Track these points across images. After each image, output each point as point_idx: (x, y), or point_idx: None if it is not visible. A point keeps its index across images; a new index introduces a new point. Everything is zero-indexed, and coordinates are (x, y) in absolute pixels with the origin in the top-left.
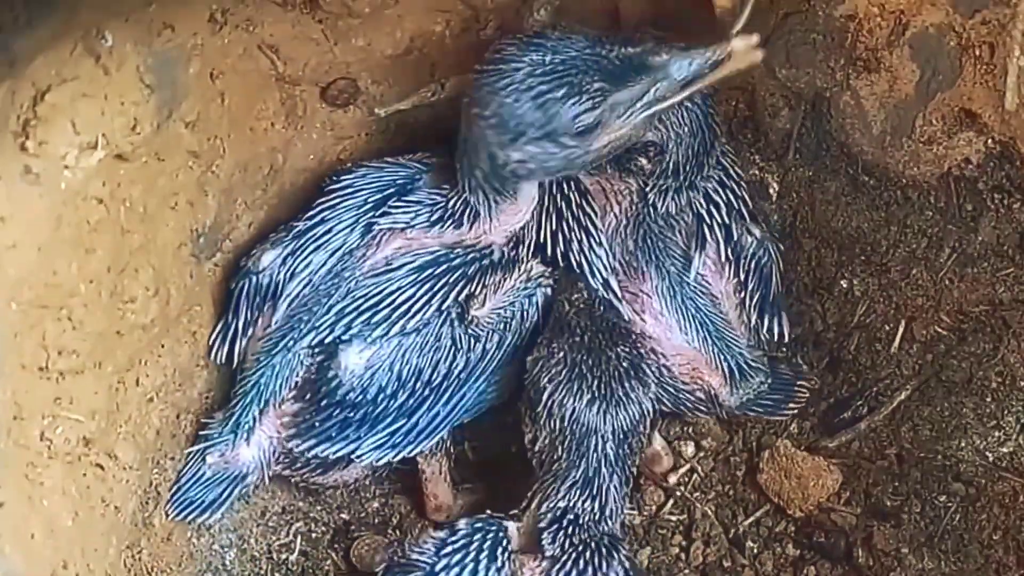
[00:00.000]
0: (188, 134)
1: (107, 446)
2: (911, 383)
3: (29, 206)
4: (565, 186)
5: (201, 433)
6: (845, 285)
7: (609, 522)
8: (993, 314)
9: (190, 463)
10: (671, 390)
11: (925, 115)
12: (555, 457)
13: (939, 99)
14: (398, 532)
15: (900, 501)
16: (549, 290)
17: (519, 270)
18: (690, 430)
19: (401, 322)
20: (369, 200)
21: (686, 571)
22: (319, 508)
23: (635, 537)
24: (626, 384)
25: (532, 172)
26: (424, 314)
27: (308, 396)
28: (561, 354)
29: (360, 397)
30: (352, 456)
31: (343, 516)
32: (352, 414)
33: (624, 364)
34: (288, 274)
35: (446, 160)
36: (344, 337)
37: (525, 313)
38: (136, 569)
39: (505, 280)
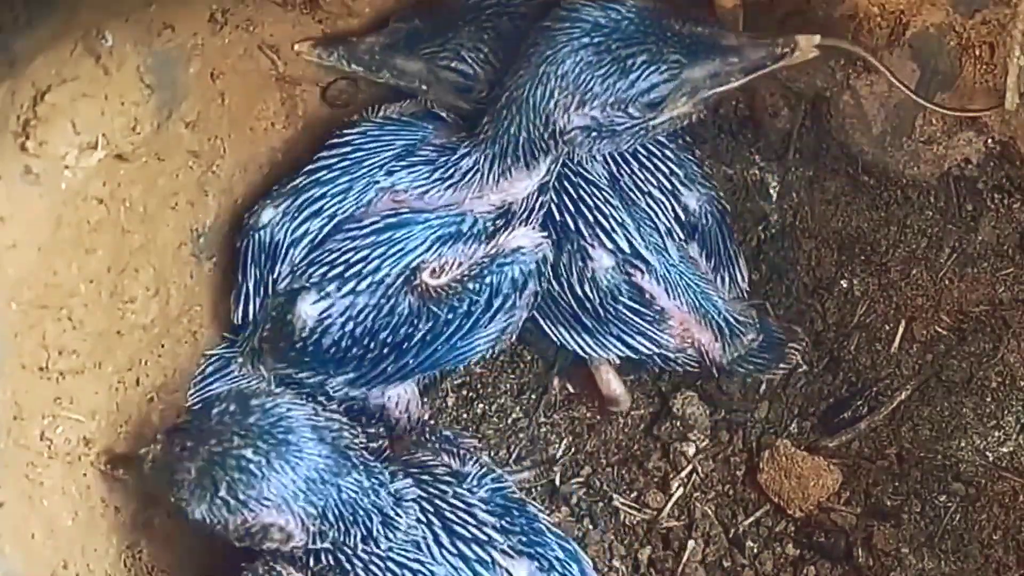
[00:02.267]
0: (188, 134)
1: (107, 446)
2: (911, 383)
3: (29, 206)
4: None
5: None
6: (845, 285)
7: None
8: (993, 314)
9: (213, 361)
10: (664, 351)
11: (925, 115)
12: None
13: (939, 99)
14: None
15: (900, 501)
16: (531, 265)
17: (492, 243)
18: (689, 431)
19: (353, 282)
20: (371, 162)
21: (686, 571)
22: None
23: (635, 537)
24: None
25: (586, 141)
26: (374, 277)
27: (275, 335)
28: None
29: (313, 347)
30: (327, 386)
31: None
32: (310, 358)
33: None
34: (287, 234)
35: (460, 117)
36: (305, 285)
37: (498, 288)
38: (136, 569)
39: (475, 251)
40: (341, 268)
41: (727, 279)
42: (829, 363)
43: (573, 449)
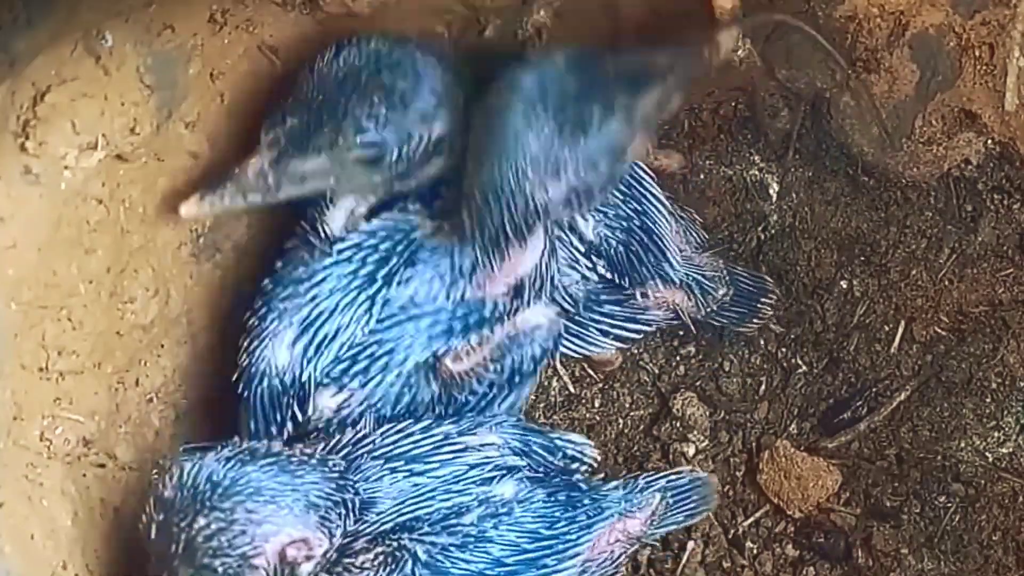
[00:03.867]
0: (188, 134)
1: (107, 446)
2: (911, 383)
3: (29, 206)
4: None
5: None
6: (845, 285)
7: None
8: (993, 314)
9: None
10: (652, 326)
11: (925, 116)
12: None
13: (939, 100)
14: None
15: (900, 501)
16: (551, 342)
17: (509, 323)
18: (689, 432)
19: (378, 375)
20: (380, 272)
21: (685, 572)
22: None
23: None
24: None
25: (567, 210)
26: (402, 368)
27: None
28: None
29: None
30: None
31: None
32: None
33: None
34: (315, 370)
35: (440, 212)
36: (323, 382)
37: (518, 368)
38: (135, 570)
39: (494, 334)
40: (365, 362)
41: (683, 239)
42: (829, 363)
43: None
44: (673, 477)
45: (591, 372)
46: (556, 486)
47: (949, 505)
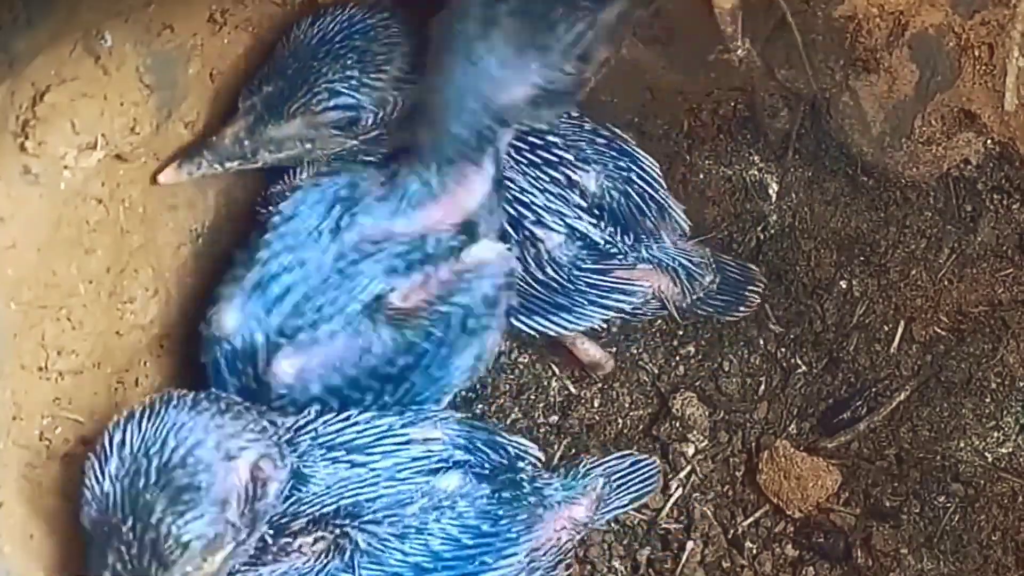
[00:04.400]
0: (188, 134)
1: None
2: (910, 383)
3: (28, 206)
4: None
5: None
6: (844, 285)
7: None
8: (992, 314)
9: None
10: (638, 299)
11: (924, 116)
12: None
13: (938, 100)
14: None
15: (899, 501)
16: (501, 279)
17: (456, 259)
18: (689, 432)
19: (324, 325)
20: (324, 225)
21: (685, 572)
22: None
23: (635, 537)
24: None
25: (532, 113)
26: (344, 313)
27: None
28: None
29: (290, 401)
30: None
31: None
32: (289, 406)
33: None
34: (265, 331)
35: (387, 153)
36: (279, 342)
37: (472, 310)
38: None
39: (441, 271)
40: (310, 315)
41: (668, 226)
42: (828, 363)
43: (573, 450)
44: (615, 461)
45: (590, 372)
46: (500, 483)
47: (949, 505)
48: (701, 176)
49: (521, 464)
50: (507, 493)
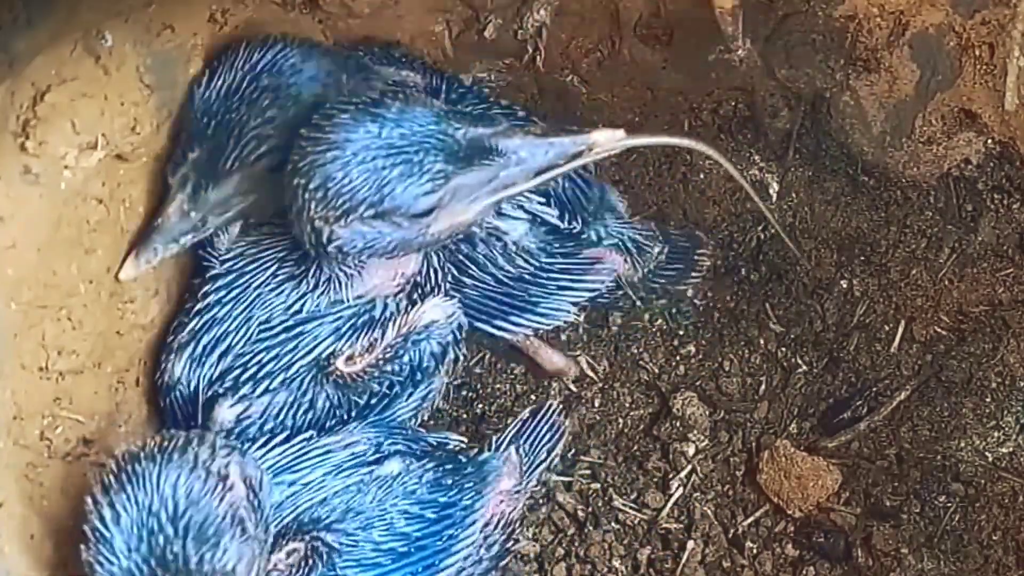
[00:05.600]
0: None
1: (107, 446)
2: (911, 383)
3: (29, 206)
4: None
5: None
6: (845, 285)
7: None
8: (993, 314)
9: None
10: (610, 277)
11: (925, 115)
12: None
13: (939, 99)
14: None
15: (900, 501)
16: (448, 337)
17: (403, 320)
18: (689, 431)
19: (266, 381)
20: (260, 282)
21: (685, 571)
22: None
23: (635, 537)
24: None
25: (361, 251)
26: (287, 373)
27: None
28: None
29: None
30: None
31: None
32: None
33: None
34: (200, 379)
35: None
36: (219, 392)
37: (418, 366)
38: None
39: (385, 334)
40: (254, 369)
41: (608, 207)
42: (829, 363)
43: (573, 450)
44: (518, 425)
45: (590, 373)
46: (439, 459)
47: (949, 505)
48: (701, 176)
49: (450, 445)
50: (448, 465)
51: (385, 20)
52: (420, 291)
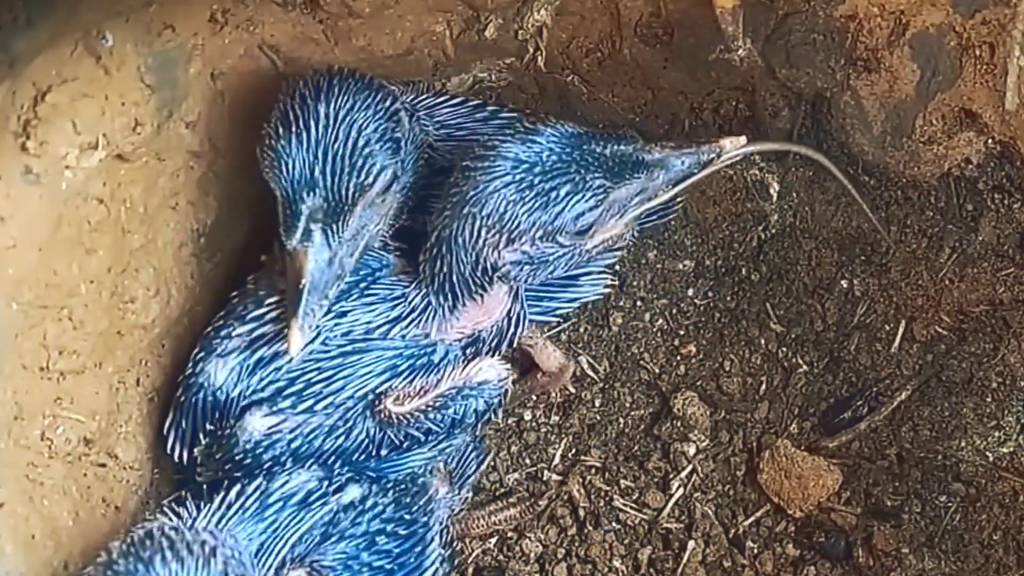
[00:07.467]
0: (188, 134)
1: (108, 446)
2: (911, 383)
3: (29, 206)
4: None
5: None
6: (845, 285)
7: None
8: (993, 314)
9: None
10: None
11: (925, 115)
12: None
13: (939, 99)
14: None
15: (900, 501)
16: (496, 399)
17: (458, 374)
18: (690, 431)
19: (311, 400)
20: (333, 301)
21: (686, 571)
22: None
23: (635, 537)
24: None
25: (522, 274)
26: (335, 397)
27: (214, 444)
28: None
29: (251, 459)
30: None
31: None
32: (243, 470)
33: None
34: (245, 389)
35: (407, 251)
36: (255, 400)
37: (460, 420)
38: None
39: (440, 383)
40: (300, 386)
41: None
42: (830, 363)
43: (573, 450)
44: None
45: (591, 373)
46: (392, 481)
47: (950, 504)
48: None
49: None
50: (402, 486)
51: (386, 20)
52: (479, 345)
